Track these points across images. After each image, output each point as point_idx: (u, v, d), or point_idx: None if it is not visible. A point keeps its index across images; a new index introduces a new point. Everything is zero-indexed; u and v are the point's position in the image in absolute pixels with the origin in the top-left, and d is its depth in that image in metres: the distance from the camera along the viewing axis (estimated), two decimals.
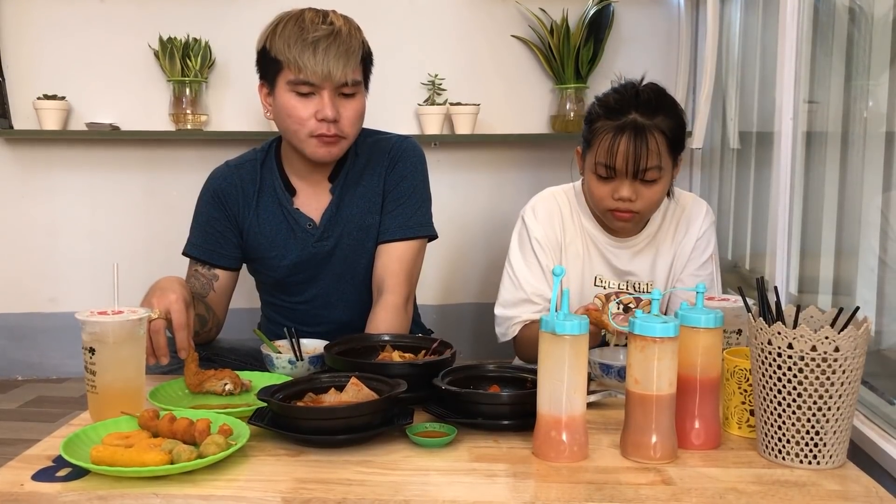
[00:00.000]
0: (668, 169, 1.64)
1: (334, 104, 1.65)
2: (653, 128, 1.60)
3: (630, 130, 1.60)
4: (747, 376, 1.23)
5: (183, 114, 3.03)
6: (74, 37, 3.05)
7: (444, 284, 3.23)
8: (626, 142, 1.59)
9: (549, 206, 1.81)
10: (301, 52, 1.62)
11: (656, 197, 1.66)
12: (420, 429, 1.24)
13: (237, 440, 1.14)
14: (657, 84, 1.68)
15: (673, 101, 1.68)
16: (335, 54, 1.62)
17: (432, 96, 3.11)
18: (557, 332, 1.13)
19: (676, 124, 1.64)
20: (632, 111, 1.61)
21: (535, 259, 1.77)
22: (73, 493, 1.04)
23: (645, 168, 1.60)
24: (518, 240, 1.82)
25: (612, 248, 1.77)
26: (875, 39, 1.99)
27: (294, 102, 1.66)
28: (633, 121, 1.60)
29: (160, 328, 1.39)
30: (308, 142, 1.69)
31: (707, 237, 1.79)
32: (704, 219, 1.79)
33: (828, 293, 2.16)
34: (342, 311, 1.86)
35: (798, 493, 1.06)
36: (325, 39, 1.62)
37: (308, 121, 1.66)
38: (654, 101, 1.63)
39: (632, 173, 1.61)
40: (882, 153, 1.92)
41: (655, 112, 1.61)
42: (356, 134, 1.74)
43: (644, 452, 1.15)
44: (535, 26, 3.13)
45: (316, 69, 1.62)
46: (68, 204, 3.14)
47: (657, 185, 1.64)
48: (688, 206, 1.80)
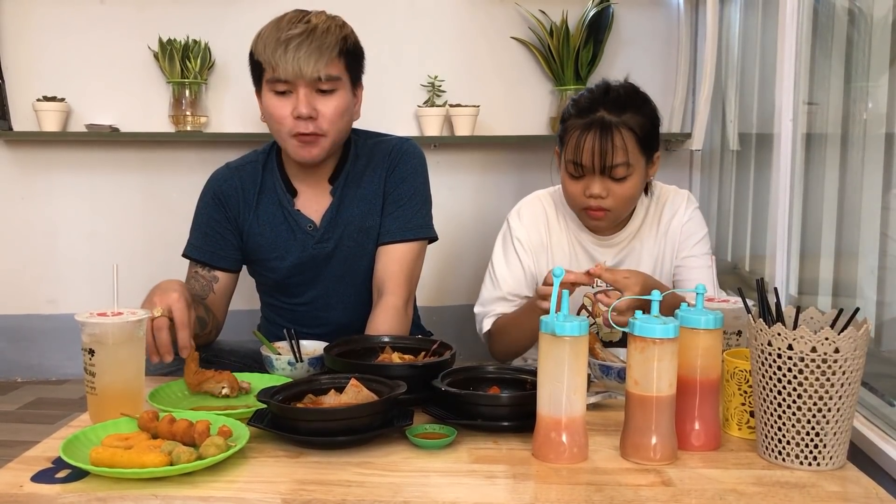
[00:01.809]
0: (638, 166, 1.66)
1: (309, 101, 1.66)
2: (620, 124, 1.63)
3: (597, 127, 1.63)
4: (747, 377, 1.23)
5: (182, 115, 3.03)
6: (74, 38, 3.05)
7: (444, 285, 3.23)
8: (592, 138, 1.63)
9: (534, 209, 1.84)
10: (274, 51, 1.64)
11: (627, 194, 1.67)
12: (420, 430, 1.24)
13: (237, 442, 1.14)
14: (632, 83, 1.71)
15: (645, 98, 1.70)
16: (306, 51, 1.63)
17: (432, 98, 3.12)
18: (557, 333, 1.13)
19: (647, 121, 1.67)
20: (600, 108, 1.65)
21: (516, 260, 1.81)
22: (73, 495, 1.04)
23: (612, 164, 1.63)
24: (501, 241, 1.85)
25: (597, 248, 1.80)
26: (874, 41, 1.99)
27: (274, 101, 1.69)
28: (601, 118, 1.63)
29: (163, 325, 1.39)
30: (289, 142, 1.70)
31: (695, 220, 1.80)
32: (687, 206, 1.81)
33: (828, 294, 2.16)
34: (342, 312, 1.86)
35: (798, 495, 1.06)
36: (297, 37, 1.63)
37: (286, 119, 1.68)
38: (622, 99, 1.66)
39: (599, 169, 1.64)
40: (882, 154, 1.92)
41: (623, 109, 1.64)
42: (340, 132, 1.73)
43: (644, 454, 1.15)
44: (535, 28, 3.13)
45: (287, 66, 1.63)
46: (68, 205, 3.14)
47: (627, 182, 1.66)
48: (668, 198, 1.82)
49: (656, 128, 1.70)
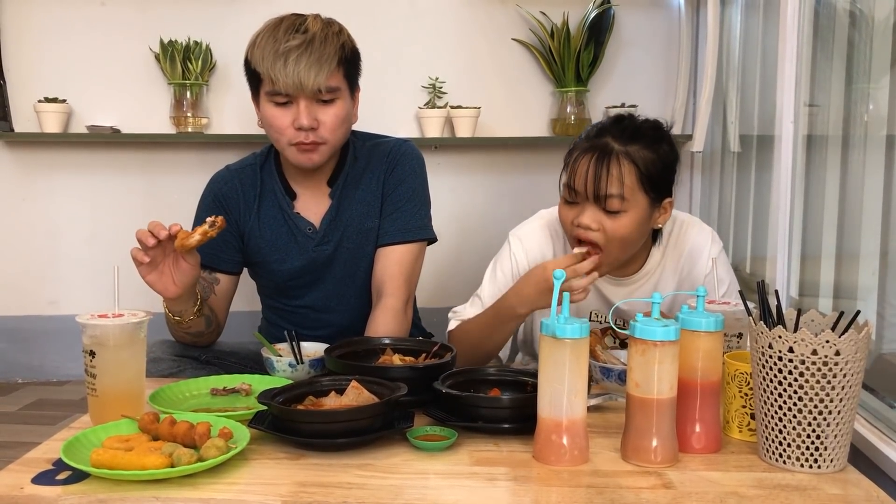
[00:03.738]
0: (635, 204, 1.53)
1: (310, 113, 1.65)
2: (623, 153, 1.51)
3: (597, 153, 1.52)
4: (748, 380, 1.23)
5: (183, 117, 3.03)
6: (75, 40, 3.05)
7: (445, 287, 3.22)
8: (587, 162, 1.52)
9: (539, 238, 1.74)
10: (273, 64, 1.62)
11: (620, 233, 1.53)
12: (420, 432, 1.24)
13: (237, 443, 1.14)
14: (658, 120, 1.60)
15: (663, 136, 1.57)
16: (306, 64, 1.61)
17: (433, 99, 3.12)
18: (558, 335, 1.13)
19: (657, 160, 1.54)
20: (607, 136, 1.54)
21: (505, 286, 1.67)
22: (74, 497, 1.04)
23: (605, 194, 1.51)
24: (497, 261, 1.76)
25: (606, 285, 1.69)
26: (875, 43, 2.00)
27: (273, 112, 1.68)
28: (604, 143, 1.53)
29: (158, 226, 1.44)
30: (289, 149, 1.71)
31: (720, 267, 1.60)
32: (711, 248, 1.68)
33: (829, 297, 2.16)
34: (343, 314, 1.86)
35: (799, 497, 1.06)
36: (295, 49, 1.62)
37: (286, 129, 1.67)
38: (635, 130, 1.55)
39: (592, 196, 1.52)
40: (882, 156, 1.92)
41: (631, 140, 1.53)
42: (339, 138, 1.73)
43: (645, 456, 1.15)
44: (536, 29, 3.13)
45: (287, 80, 1.62)
46: (69, 206, 3.14)
47: (622, 219, 1.52)
48: (690, 237, 1.70)
49: (669, 171, 1.56)
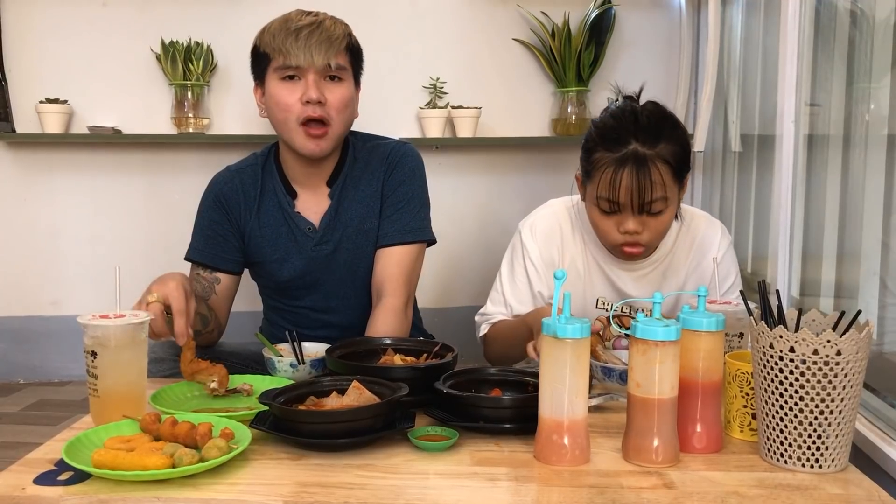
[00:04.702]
0: (674, 197, 1.57)
1: (319, 87, 1.69)
2: (655, 158, 1.51)
3: (632, 164, 1.50)
4: (749, 380, 1.23)
5: (185, 117, 3.03)
6: (77, 40, 3.05)
7: (447, 287, 3.22)
8: (629, 176, 1.50)
9: (548, 225, 1.75)
10: (285, 40, 1.67)
11: (663, 227, 1.59)
12: (421, 432, 1.24)
13: (239, 444, 1.14)
14: (656, 103, 1.60)
15: (674, 121, 1.59)
16: (317, 40, 1.67)
17: (434, 100, 3.12)
18: (559, 335, 1.13)
19: (680, 148, 1.55)
20: (632, 141, 1.52)
21: (524, 277, 1.73)
22: (75, 497, 1.04)
23: (651, 200, 1.53)
24: (511, 254, 1.78)
25: (616, 270, 1.71)
26: (876, 42, 1.99)
27: (281, 89, 1.70)
28: (634, 152, 1.51)
29: (157, 311, 1.40)
30: (297, 132, 1.71)
31: (728, 260, 1.71)
32: (721, 241, 1.72)
33: (830, 296, 2.16)
34: (343, 315, 1.86)
35: (800, 497, 1.06)
36: (307, 27, 1.68)
37: (294, 105, 1.69)
38: (654, 127, 1.54)
39: (637, 208, 1.54)
40: (883, 156, 1.92)
41: (657, 139, 1.52)
42: (344, 123, 1.75)
43: (646, 456, 1.15)
44: (537, 29, 3.13)
45: (299, 53, 1.66)
46: (70, 207, 3.14)
47: (664, 214, 1.57)
48: (701, 229, 1.73)
49: (688, 153, 1.58)
